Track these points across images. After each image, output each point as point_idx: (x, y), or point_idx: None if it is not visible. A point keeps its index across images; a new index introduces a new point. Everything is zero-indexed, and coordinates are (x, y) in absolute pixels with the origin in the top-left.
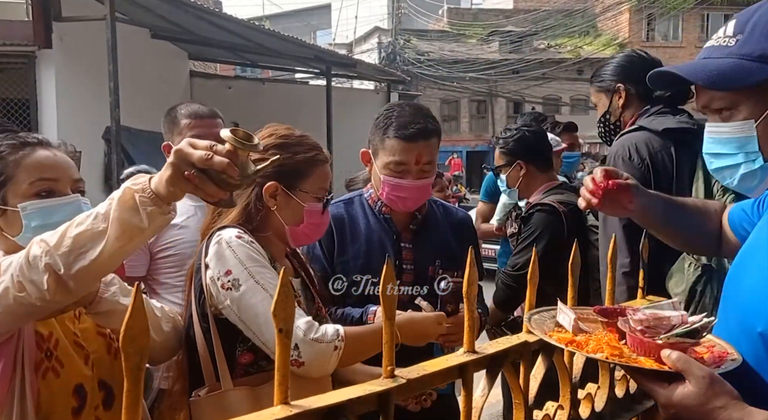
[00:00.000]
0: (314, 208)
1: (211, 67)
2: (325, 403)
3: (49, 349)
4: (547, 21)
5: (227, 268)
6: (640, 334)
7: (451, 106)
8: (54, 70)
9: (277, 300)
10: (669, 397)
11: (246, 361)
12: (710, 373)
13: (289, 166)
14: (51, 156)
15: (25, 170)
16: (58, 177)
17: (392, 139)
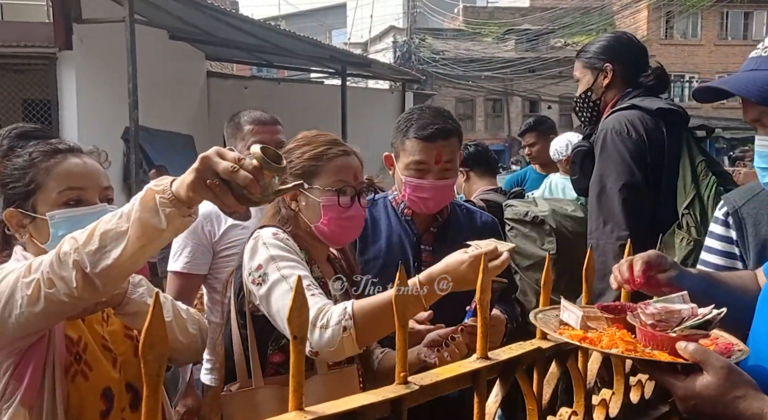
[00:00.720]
0: (330, 201)
1: (228, 68)
2: (339, 409)
3: (78, 353)
4: (564, 19)
5: (258, 263)
6: (651, 328)
7: (466, 105)
8: (74, 72)
9: (292, 307)
10: (688, 389)
11: (277, 360)
12: (728, 363)
13: (299, 166)
14: (81, 164)
15: (55, 179)
16: (86, 186)
17: (412, 140)
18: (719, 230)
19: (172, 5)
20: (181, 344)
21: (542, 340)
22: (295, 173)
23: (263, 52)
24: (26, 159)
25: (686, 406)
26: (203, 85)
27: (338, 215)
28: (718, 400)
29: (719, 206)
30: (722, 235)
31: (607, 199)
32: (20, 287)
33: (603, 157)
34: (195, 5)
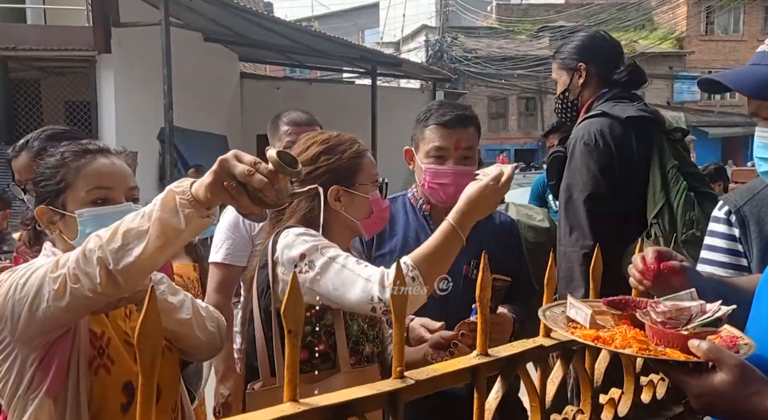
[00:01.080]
0: (376, 196)
1: (261, 69)
2: (333, 401)
3: (101, 347)
4: (600, 15)
5: (300, 252)
6: (661, 325)
7: (498, 104)
8: (113, 74)
9: (287, 302)
10: (702, 387)
11: (301, 358)
12: (741, 361)
13: (341, 166)
14: (109, 164)
15: (84, 178)
16: (113, 186)
17: (431, 127)
18: (721, 228)
19: (206, 8)
20: (200, 341)
21: (545, 337)
22: (337, 174)
23: (295, 53)
24: (58, 158)
25: (701, 403)
26: (236, 86)
27: (381, 208)
28: (733, 398)
29: (719, 206)
30: (725, 233)
31: (573, 208)
32: (48, 282)
33: (571, 168)
34: (228, 8)
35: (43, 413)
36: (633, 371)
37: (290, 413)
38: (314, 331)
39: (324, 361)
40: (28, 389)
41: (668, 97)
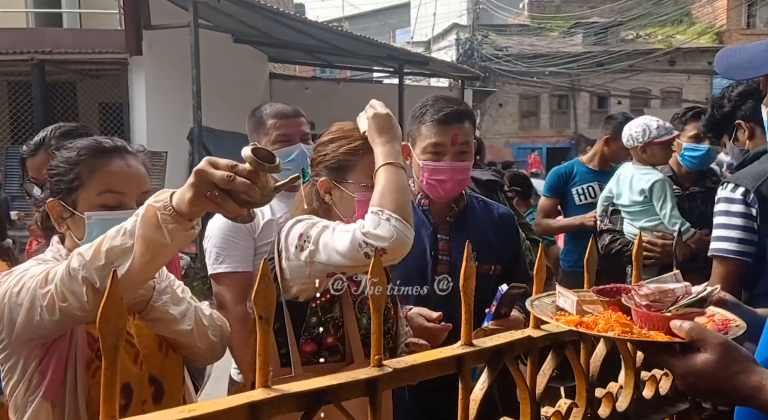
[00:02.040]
0: (365, 197)
1: (290, 69)
2: (307, 387)
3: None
4: (634, 10)
5: (299, 232)
6: (646, 308)
7: (530, 102)
8: (144, 76)
9: (258, 288)
10: (686, 367)
11: (309, 350)
12: (725, 339)
13: (334, 159)
14: (124, 168)
15: (97, 180)
16: (125, 190)
17: (428, 124)
18: (739, 208)
19: (235, 10)
20: (199, 349)
21: (534, 329)
22: (329, 166)
23: (323, 53)
24: (73, 155)
25: (686, 383)
26: (266, 87)
27: (359, 208)
28: (717, 376)
29: (731, 188)
30: (743, 212)
31: None
32: (38, 297)
33: None
34: (257, 9)
35: (41, 416)
36: (632, 365)
37: (260, 399)
38: (321, 323)
39: (332, 353)
40: (26, 391)
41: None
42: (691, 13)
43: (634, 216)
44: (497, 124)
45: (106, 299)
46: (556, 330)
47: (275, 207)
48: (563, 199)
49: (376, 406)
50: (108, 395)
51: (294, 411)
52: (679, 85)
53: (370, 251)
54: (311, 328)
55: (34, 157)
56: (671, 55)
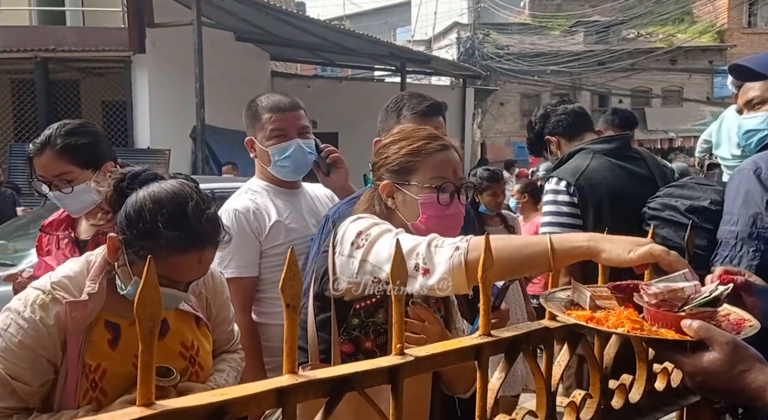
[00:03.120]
0: (429, 199)
1: (292, 68)
2: (332, 374)
3: (94, 380)
4: (636, 9)
5: (357, 230)
6: (655, 307)
7: (531, 101)
8: (147, 73)
9: (285, 277)
10: (695, 365)
11: (346, 350)
12: (733, 338)
13: (396, 162)
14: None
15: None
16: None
17: (408, 117)
18: (564, 198)
19: (237, 8)
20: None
21: (551, 320)
22: (391, 169)
23: (325, 52)
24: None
25: (694, 382)
26: (268, 85)
27: (437, 213)
28: (725, 375)
29: (555, 182)
30: (568, 201)
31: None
32: None
33: None
34: (259, 7)
35: None
36: (645, 358)
37: (287, 384)
38: (362, 326)
39: (369, 357)
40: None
41: (708, 93)
42: (692, 12)
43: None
44: (498, 122)
45: (143, 286)
46: (573, 322)
47: (281, 207)
48: None
49: (398, 394)
50: (144, 378)
51: (319, 397)
52: (680, 84)
53: (421, 262)
54: (351, 329)
55: (40, 156)
56: (672, 53)
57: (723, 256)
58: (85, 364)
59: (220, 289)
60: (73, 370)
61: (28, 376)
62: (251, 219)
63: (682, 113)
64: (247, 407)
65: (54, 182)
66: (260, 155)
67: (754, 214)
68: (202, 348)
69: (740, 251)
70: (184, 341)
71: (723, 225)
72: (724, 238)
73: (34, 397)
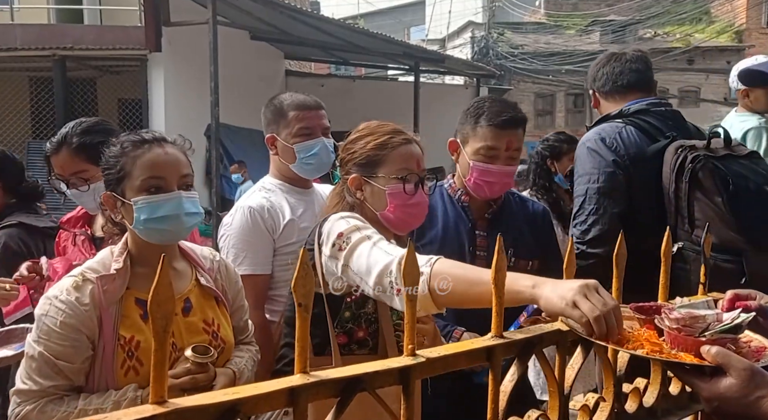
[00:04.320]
0: (396, 189)
1: (306, 67)
2: (343, 374)
3: (130, 350)
4: (653, 8)
5: (339, 231)
6: (677, 332)
7: (545, 101)
8: (163, 72)
9: (297, 276)
10: (711, 391)
11: (340, 342)
12: (751, 365)
13: (363, 155)
14: (162, 155)
15: (140, 167)
16: (165, 175)
17: (485, 127)
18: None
19: (252, 6)
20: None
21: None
22: (359, 163)
23: (339, 50)
24: (117, 149)
25: (711, 407)
26: (282, 84)
27: (403, 202)
28: (741, 401)
29: None
30: None
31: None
32: None
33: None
34: (274, 6)
35: None
36: (660, 362)
37: (299, 384)
38: (354, 318)
39: (361, 346)
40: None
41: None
42: (710, 11)
43: None
44: None
45: (157, 284)
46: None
47: (294, 206)
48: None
49: (409, 394)
50: (158, 375)
51: (330, 397)
52: (697, 84)
53: (394, 282)
54: (344, 322)
55: (57, 154)
56: (690, 53)
57: (588, 210)
58: (120, 336)
59: (234, 278)
60: (109, 342)
61: (71, 355)
62: (266, 216)
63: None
64: (258, 406)
65: (71, 180)
66: (283, 152)
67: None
68: (222, 325)
69: (604, 203)
70: (205, 318)
71: (584, 184)
72: (587, 195)
73: (78, 374)
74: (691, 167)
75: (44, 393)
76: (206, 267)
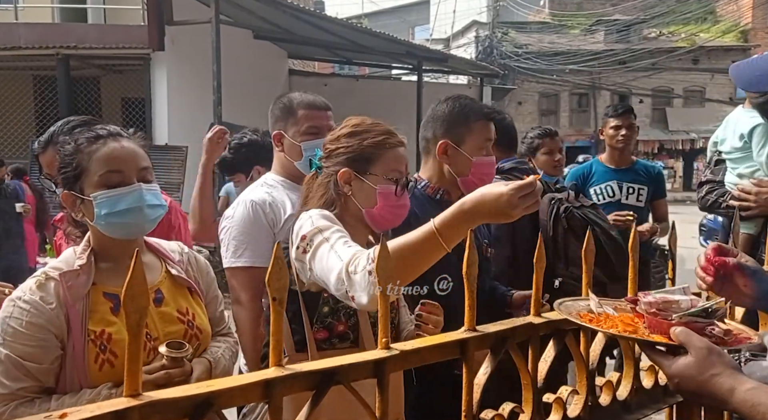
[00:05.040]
0: (387, 189)
1: (310, 66)
2: (318, 367)
3: (102, 343)
4: (657, 8)
5: (303, 234)
6: (652, 315)
7: (550, 100)
8: (166, 71)
9: (271, 271)
10: (673, 368)
11: (321, 337)
12: (708, 344)
13: (358, 151)
14: (118, 148)
15: (96, 162)
16: (122, 168)
17: (479, 122)
18: None
19: (255, 6)
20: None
21: (536, 316)
22: (352, 157)
23: (343, 50)
24: (72, 146)
25: (672, 383)
26: (285, 83)
27: (392, 203)
28: (697, 379)
29: None
30: None
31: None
32: None
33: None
34: (277, 5)
35: None
36: (632, 355)
37: (273, 376)
38: (333, 313)
39: (342, 340)
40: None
41: (731, 93)
42: (715, 11)
43: (735, 163)
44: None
45: (130, 278)
46: (557, 318)
47: (295, 202)
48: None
49: (384, 387)
50: (132, 369)
51: (306, 390)
52: (702, 84)
53: (349, 291)
54: (324, 317)
55: (44, 153)
56: (694, 53)
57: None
58: (90, 331)
59: (205, 269)
60: (79, 339)
61: (39, 355)
62: (267, 210)
63: (704, 114)
64: (233, 399)
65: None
66: (289, 150)
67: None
68: (197, 314)
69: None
70: (179, 308)
71: None
72: None
73: (47, 375)
74: (564, 216)
75: (14, 396)
76: (175, 259)
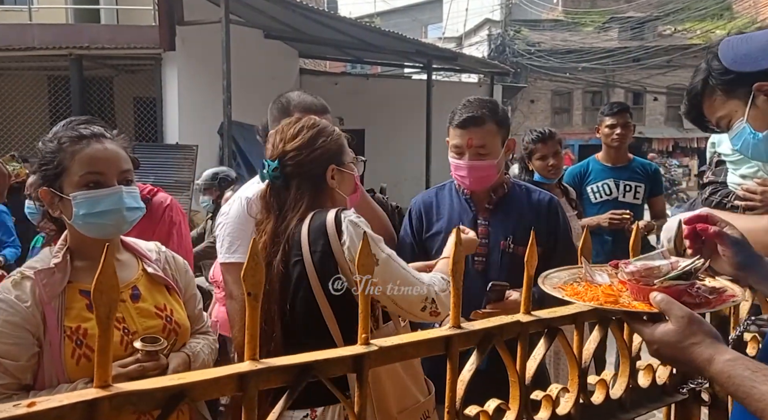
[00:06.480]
0: (356, 172)
1: (321, 65)
2: (293, 361)
3: (78, 339)
4: (672, 4)
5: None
6: (635, 282)
7: (563, 98)
8: (177, 71)
9: (247, 267)
10: (652, 335)
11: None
12: (689, 313)
13: (333, 146)
14: (101, 150)
15: (78, 163)
16: (104, 170)
17: (452, 128)
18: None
19: (266, 5)
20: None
21: (525, 314)
22: (334, 153)
23: (353, 49)
24: (55, 144)
25: (651, 350)
26: (296, 82)
27: (357, 184)
28: (677, 346)
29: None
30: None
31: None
32: None
33: None
34: (287, 5)
35: None
36: (628, 354)
37: (247, 370)
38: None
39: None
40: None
41: None
42: (731, 7)
43: (735, 164)
44: (528, 120)
45: (100, 272)
46: (546, 316)
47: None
48: (579, 197)
49: (363, 382)
50: (102, 361)
51: (280, 384)
52: None
53: (436, 310)
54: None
55: None
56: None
57: None
58: (66, 327)
59: (183, 268)
60: (55, 336)
61: (16, 353)
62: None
63: None
64: (207, 392)
65: None
66: None
67: None
68: (175, 310)
69: None
70: (157, 304)
71: None
72: None
73: (24, 372)
74: None
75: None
76: (152, 258)
